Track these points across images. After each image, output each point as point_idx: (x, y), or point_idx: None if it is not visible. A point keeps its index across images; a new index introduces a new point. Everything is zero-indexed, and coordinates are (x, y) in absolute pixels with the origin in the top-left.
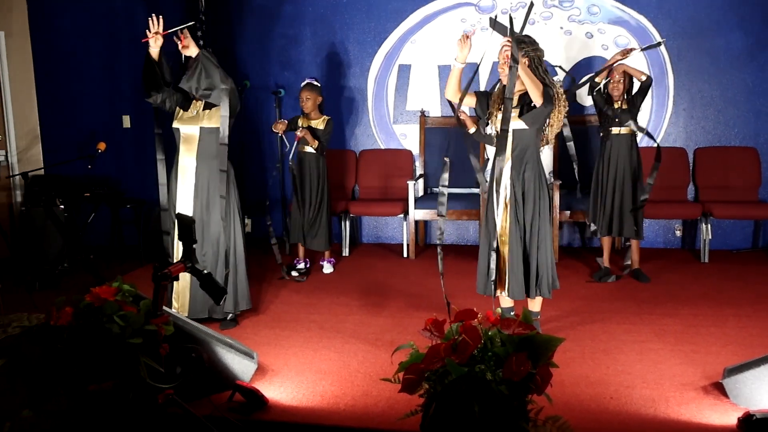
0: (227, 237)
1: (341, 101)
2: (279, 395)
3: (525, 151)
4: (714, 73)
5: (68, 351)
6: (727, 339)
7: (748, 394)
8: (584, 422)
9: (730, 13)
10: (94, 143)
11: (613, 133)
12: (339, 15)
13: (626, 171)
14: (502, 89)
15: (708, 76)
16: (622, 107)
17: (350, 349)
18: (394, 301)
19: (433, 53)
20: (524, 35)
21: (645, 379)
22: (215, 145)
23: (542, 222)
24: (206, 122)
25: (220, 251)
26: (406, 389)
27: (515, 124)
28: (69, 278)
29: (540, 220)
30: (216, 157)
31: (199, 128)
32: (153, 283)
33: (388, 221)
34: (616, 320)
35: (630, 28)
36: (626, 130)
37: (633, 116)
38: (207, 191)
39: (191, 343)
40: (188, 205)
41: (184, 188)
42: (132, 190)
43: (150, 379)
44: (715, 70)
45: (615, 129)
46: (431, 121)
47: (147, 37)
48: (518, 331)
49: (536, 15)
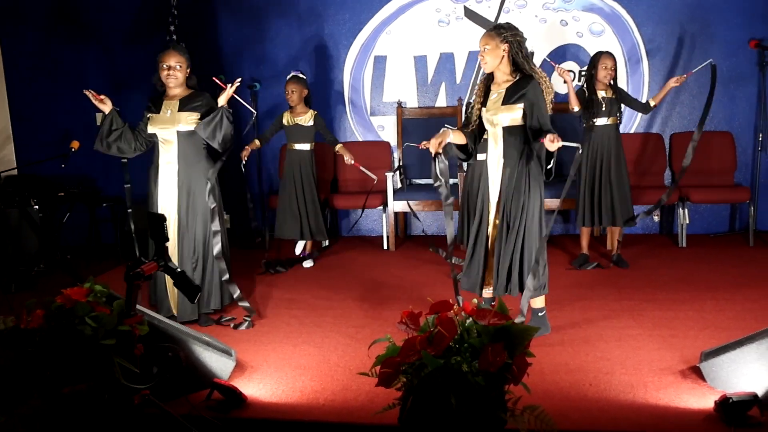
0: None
1: (317, 94)
2: (258, 392)
3: (514, 144)
4: (687, 59)
5: (40, 354)
6: (704, 323)
7: (724, 378)
8: (564, 410)
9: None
10: (68, 142)
11: (599, 124)
12: (313, 6)
13: (612, 160)
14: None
15: (682, 62)
16: (610, 96)
17: (330, 344)
18: (374, 294)
19: (408, 44)
20: (504, 23)
21: (624, 364)
22: (194, 146)
23: (529, 219)
24: (183, 125)
25: (207, 251)
26: (382, 383)
27: (506, 118)
28: (46, 279)
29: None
30: (198, 160)
31: (176, 131)
32: (125, 282)
33: (367, 213)
34: (595, 307)
35: (604, 15)
36: (612, 120)
37: (619, 106)
38: (189, 194)
39: (167, 342)
40: (172, 208)
41: (166, 191)
42: (108, 189)
43: (125, 379)
44: (689, 55)
45: (601, 120)
46: (408, 113)
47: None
48: (494, 321)
49: (511, 3)
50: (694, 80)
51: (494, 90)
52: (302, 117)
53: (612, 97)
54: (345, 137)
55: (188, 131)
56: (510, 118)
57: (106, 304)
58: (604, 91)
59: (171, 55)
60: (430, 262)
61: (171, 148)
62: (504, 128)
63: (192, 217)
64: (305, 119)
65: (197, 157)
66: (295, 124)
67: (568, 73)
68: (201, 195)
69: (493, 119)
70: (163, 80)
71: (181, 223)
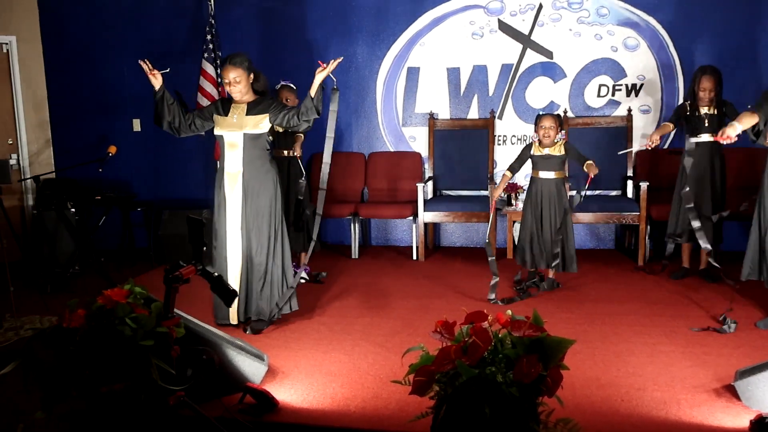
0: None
1: (350, 104)
2: (289, 397)
3: None
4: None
5: (81, 353)
6: (738, 341)
7: (760, 397)
8: (595, 424)
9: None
10: (105, 147)
11: (701, 141)
12: (348, 17)
13: (706, 179)
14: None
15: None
16: (712, 113)
17: (360, 351)
18: (403, 303)
19: (442, 56)
20: None
21: (656, 381)
22: (259, 149)
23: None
24: (249, 128)
25: (269, 254)
26: (416, 391)
27: None
28: (80, 281)
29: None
30: (262, 165)
31: (242, 134)
32: (164, 285)
33: (398, 223)
34: (626, 322)
35: (639, 29)
36: (710, 137)
37: (722, 124)
38: (254, 196)
39: (202, 345)
40: (237, 212)
41: (233, 195)
42: (143, 194)
43: (161, 380)
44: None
45: (703, 136)
46: (440, 124)
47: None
48: (529, 333)
49: (545, 17)
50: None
51: None
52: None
53: (714, 113)
54: (377, 147)
55: (254, 134)
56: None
57: (144, 306)
58: (707, 108)
59: (228, 71)
60: (460, 273)
61: (236, 152)
62: None
63: (258, 219)
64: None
65: (262, 160)
66: (286, 131)
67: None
68: (265, 197)
69: None
70: (228, 92)
71: (247, 226)
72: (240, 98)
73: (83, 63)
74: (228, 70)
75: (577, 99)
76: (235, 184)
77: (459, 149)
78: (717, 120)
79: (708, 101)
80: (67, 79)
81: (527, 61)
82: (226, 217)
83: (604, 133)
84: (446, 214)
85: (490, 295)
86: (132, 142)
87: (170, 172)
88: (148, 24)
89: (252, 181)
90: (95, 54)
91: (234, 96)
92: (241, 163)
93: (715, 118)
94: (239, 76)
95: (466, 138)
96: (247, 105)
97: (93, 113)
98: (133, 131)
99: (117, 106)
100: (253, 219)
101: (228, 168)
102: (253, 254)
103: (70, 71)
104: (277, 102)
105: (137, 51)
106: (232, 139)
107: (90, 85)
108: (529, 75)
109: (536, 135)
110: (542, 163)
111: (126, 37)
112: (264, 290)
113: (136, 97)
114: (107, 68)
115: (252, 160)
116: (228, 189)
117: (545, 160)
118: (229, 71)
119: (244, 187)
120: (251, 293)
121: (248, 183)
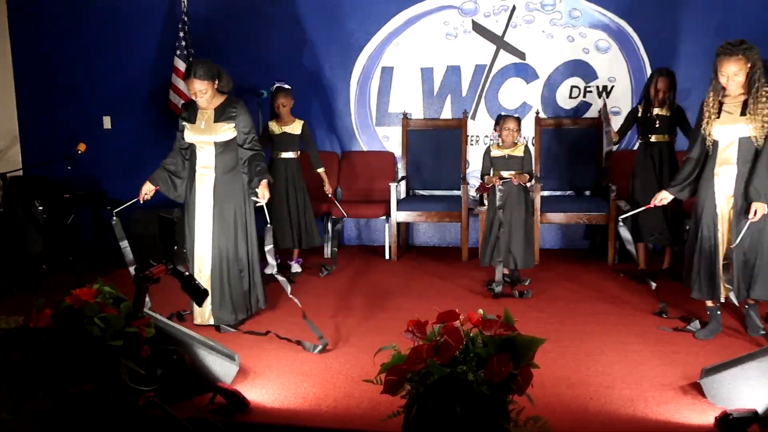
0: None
1: (324, 103)
2: (261, 397)
3: None
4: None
5: (48, 353)
6: (707, 340)
7: (725, 394)
8: (565, 422)
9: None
10: (75, 144)
11: (653, 140)
12: (322, 17)
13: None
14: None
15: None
16: (664, 114)
17: (332, 351)
18: (376, 303)
19: (416, 56)
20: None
21: (625, 379)
22: (231, 155)
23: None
24: (218, 135)
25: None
26: (388, 390)
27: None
28: (48, 280)
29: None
30: (233, 168)
31: (213, 142)
32: (134, 284)
33: (371, 223)
34: (597, 321)
35: (610, 32)
36: (665, 137)
37: (673, 126)
38: (224, 201)
39: (172, 345)
40: (208, 215)
41: (203, 199)
42: (113, 192)
43: (131, 381)
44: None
45: (655, 137)
46: (413, 124)
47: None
48: (500, 332)
49: (518, 18)
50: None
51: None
52: (290, 126)
53: (666, 114)
54: (350, 147)
55: (225, 141)
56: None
57: (114, 306)
58: (660, 109)
59: (192, 83)
60: (432, 273)
61: (208, 157)
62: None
63: (226, 222)
64: (293, 128)
65: (232, 164)
66: (282, 133)
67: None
68: (236, 202)
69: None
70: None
71: (216, 230)
72: (206, 105)
73: (52, 59)
74: (192, 83)
75: (549, 100)
76: (205, 187)
77: (432, 149)
78: (668, 121)
79: (661, 101)
80: (36, 75)
81: (500, 62)
82: (195, 219)
83: (575, 134)
84: (419, 214)
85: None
86: (102, 139)
87: (141, 170)
88: (118, 20)
89: (222, 185)
90: (65, 50)
91: (200, 104)
92: (213, 169)
93: (666, 120)
94: (204, 87)
95: (439, 138)
96: (214, 111)
97: (62, 110)
98: (103, 128)
99: (87, 104)
100: (223, 222)
101: (199, 171)
102: (222, 255)
103: (39, 68)
104: (244, 119)
105: (108, 47)
106: (203, 146)
107: (59, 82)
108: (502, 76)
109: (495, 136)
110: (504, 164)
111: (96, 34)
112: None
113: (107, 94)
114: (77, 65)
115: (222, 165)
116: (199, 191)
117: (507, 161)
118: (194, 84)
119: (215, 193)
120: (224, 293)
121: (218, 186)
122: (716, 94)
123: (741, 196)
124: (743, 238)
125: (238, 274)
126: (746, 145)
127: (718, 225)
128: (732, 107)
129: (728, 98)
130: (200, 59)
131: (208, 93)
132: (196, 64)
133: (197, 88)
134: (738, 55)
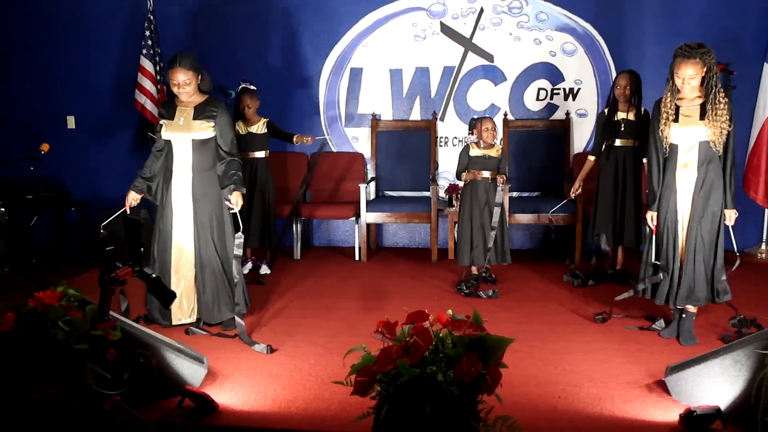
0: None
1: (292, 103)
2: (230, 400)
3: None
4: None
5: (10, 358)
6: (671, 338)
7: (689, 391)
8: (533, 421)
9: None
10: (38, 144)
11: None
12: (291, 17)
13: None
14: None
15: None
16: (629, 118)
17: (302, 353)
18: (345, 304)
19: (384, 57)
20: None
21: (591, 378)
22: (208, 153)
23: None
24: (197, 132)
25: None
26: (358, 392)
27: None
28: (11, 283)
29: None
30: (210, 168)
31: (191, 139)
32: (99, 287)
33: (340, 224)
34: (564, 321)
35: (577, 35)
36: (630, 142)
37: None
38: (202, 200)
39: (140, 348)
40: (187, 214)
41: (180, 197)
42: (77, 193)
43: (96, 385)
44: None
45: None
46: (383, 125)
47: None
48: (469, 332)
49: (486, 21)
50: None
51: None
52: (255, 125)
53: (632, 119)
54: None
55: (202, 140)
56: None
57: (79, 309)
58: (625, 113)
59: (177, 73)
60: (401, 273)
61: (185, 156)
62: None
63: (206, 223)
64: (258, 127)
65: (209, 163)
66: (248, 133)
67: None
68: (214, 201)
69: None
70: (175, 94)
71: (197, 230)
72: (187, 99)
73: (15, 57)
74: (177, 72)
75: (516, 102)
76: (182, 186)
77: (401, 150)
78: (634, 125)
79: (624, 100)
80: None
81: (468, 64)
82: (172, 220)
83: (543, 136)
84: (389, 215)
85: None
86: (66, 139)
87: (106, 171)
88: (84, 18)
89: (199, 184)
90: (28, 48)
91: (182, 98)
92: (190, 168)
93: (632, 124)
94: (189, 78)
95: (408, 139)
96: (194, 108)
97: (25, 110)
98: (67, 128)
99: (50, 103)
100: (202, 221)
101: (176, 170)
102: (203, 255)
103: (1, 66)
104: (224, 121)
105: (72, 45)
106: (180, 143)
107: (22, 81)
108: (470, 78)
109: (473, 136)
110: (482, 164)
111: (61, 32)
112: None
113: (71, 94)
114: (41, 63)
115: (199, 164)
116: (175, 191)
117: (485, 161)
118: (178, 73)
119: (193, 192)
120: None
121: (195, 185)
122: (673, 95)
123: (700, 199)
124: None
125: (222, 272)
126: (705, 149)
127: (678, 229)
128: (690, 110)
129: (684, 101)
130: (184, 51)
131: (191, 85)
132: (182, 55)
133: (181, 79)
134: (695, 59)
